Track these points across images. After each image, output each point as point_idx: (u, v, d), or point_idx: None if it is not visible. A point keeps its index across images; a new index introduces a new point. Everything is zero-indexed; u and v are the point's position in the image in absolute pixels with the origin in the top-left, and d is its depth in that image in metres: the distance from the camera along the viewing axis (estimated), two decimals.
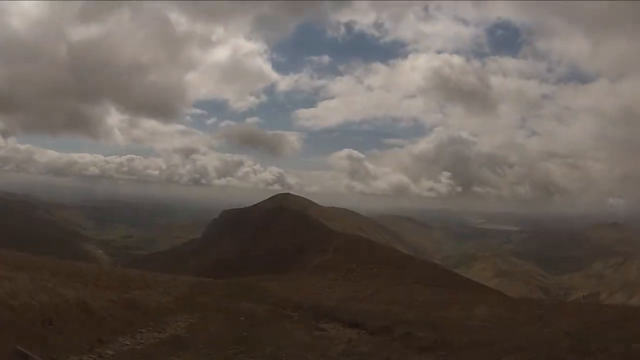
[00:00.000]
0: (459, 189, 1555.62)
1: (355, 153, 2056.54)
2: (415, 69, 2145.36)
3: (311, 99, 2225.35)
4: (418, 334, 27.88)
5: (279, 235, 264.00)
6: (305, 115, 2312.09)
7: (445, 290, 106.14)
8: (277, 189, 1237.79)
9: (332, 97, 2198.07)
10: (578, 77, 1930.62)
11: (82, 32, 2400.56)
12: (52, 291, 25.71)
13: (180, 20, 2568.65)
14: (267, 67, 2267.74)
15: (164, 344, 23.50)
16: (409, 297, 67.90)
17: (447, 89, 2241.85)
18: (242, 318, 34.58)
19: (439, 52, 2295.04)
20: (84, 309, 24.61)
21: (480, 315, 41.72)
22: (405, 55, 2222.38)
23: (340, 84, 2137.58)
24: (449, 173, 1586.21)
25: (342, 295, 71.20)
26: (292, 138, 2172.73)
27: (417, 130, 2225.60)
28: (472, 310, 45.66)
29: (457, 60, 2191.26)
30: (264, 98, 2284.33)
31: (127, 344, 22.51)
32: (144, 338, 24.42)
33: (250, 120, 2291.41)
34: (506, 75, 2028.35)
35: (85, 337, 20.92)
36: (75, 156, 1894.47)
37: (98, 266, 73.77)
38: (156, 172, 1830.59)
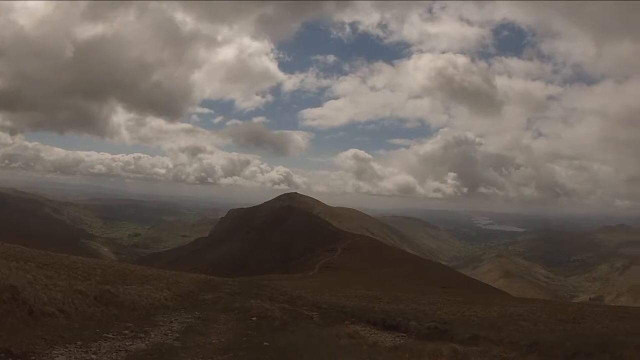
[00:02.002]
0: (465, 189, 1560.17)
1: (362, 153, 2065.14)
2: (419, 68, 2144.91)
3: (317, 99, 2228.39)
4: (480, 334, 24.93)
5: (286, 234, 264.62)
6: (311, 115, 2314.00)
7: (456, 290, 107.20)
8: (284, 188, 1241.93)
9: (337, 97, 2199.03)
10: (583, 78, 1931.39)
11: (88, 31, 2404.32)
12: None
13: (185, 20, 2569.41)
14: (273, 67, 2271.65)
15: None
16: (428, 297, 68.10)
17: (452, 89, 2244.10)
18: (253, 319, 28.17)
19: (443, 52, 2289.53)
20: (16, 298, 17.45)
21: (521, 314, 41.58)
22: (409, 56, 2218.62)
23: (345, 84, 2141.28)
24: (455, 174, 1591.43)
25: (358, 294, 67.78)
26: (298, 137, 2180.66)
27: (423, 130, 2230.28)
28: (508, 308, 45.90)
29: (461, 59, 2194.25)
30: (270, 97, 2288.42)
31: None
32: (102, 349, 16.09)
33: (257, 119, 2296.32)
34: (511, 76, 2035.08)
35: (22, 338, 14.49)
36: (83, 154, 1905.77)
37: (95, 260, 64.13)
38: (163, 171, 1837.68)
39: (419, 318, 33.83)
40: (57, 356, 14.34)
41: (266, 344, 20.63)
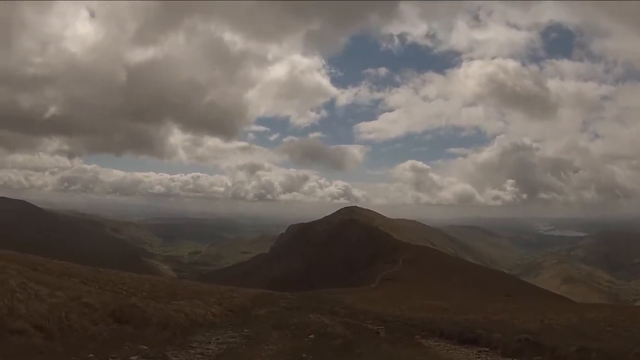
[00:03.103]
0: (524, 196, 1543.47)
1: (420, 164, 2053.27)
2: (470, 76, 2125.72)
3: (371, 112, 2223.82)
4: (589, 346, 20.50)
5: (347, 247, 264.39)
6: (366, 129, 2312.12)
7: (519, 298, 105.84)
8: (343, 202, 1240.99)
9: (391, 109, 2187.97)
10: (636, 76, 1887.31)
11: (139, 55, 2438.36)
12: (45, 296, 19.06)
13: (234, 39, 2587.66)
14: (325, 82, 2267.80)
15: None
16: (493, 305, 66.92)
17: (504, 95, 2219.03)
18: (310, 337, 24.77)
19: (493, 58, 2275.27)
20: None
21: (601, 320, 40.00)
22: (459, 64, 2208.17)
23: (397, 96, 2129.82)
24: (514, 180, 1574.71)
25: (423, 305, 66.58)
26: (355, 151, 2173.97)
27: (480, 138, 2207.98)
28: (584, 314, 44.64)
29: (511, 64, 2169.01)
30: (324, 113, 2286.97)
31: None
32: None
33: (313, 135, 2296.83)
34: (563, 78, 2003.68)
35: None
36: (141, 175, 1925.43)
37: (146, 277, 65.27)
38: (222, 189, 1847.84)
39: (500, 329, 29.19)
40: None
41: None
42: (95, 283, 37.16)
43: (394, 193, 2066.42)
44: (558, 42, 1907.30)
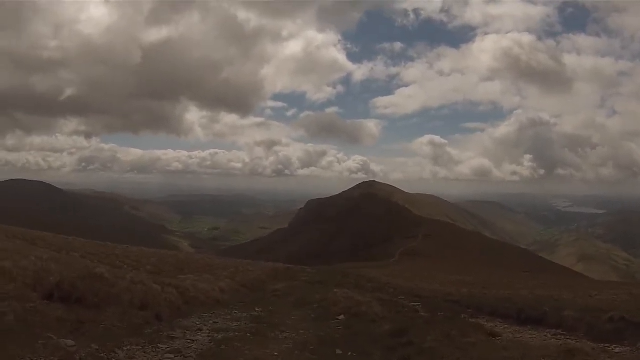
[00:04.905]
0: (542, 171, 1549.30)
1: (437, 139, 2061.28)
2: (484, 50, 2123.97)
3: (387, 87, 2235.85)
4: None
5: (366, 222, 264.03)
6: (383, 103, 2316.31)
7: (539, 274, 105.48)
8: (361, 177, 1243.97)
9: (407, 84, 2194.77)
10: None
11: (154, 35, 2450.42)
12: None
13: (248, 17, 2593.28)
14: (341, 57, 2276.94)
15: None
16: (522, 282, 65.96)
17: (520, 69, 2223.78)
18: (340, 317, 19.62)
19: (508, 32, 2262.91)
20: None
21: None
22: (474, 39, 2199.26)
23: (412, 70, 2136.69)
24: (531, 156, 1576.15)
25: (452, 280, 63.71)
26: (371, 125, 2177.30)
27: (497, 113, 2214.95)
28: (633, 291, 43.17)
29: (526, 38, 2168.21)
30: (341, 88, 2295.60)
31: None
32: None
33: (329, 110, 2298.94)
34: (580, 54, 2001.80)
35: None
36: (159, 153, 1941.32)
37: (155, 251, 61.51)
38: (239, 165, 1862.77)
39: (561, 306, 22.86)
40: None
41: None
42: (96, 257, 34.79)
43: (412, 168, 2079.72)
44: (575, 17, 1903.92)
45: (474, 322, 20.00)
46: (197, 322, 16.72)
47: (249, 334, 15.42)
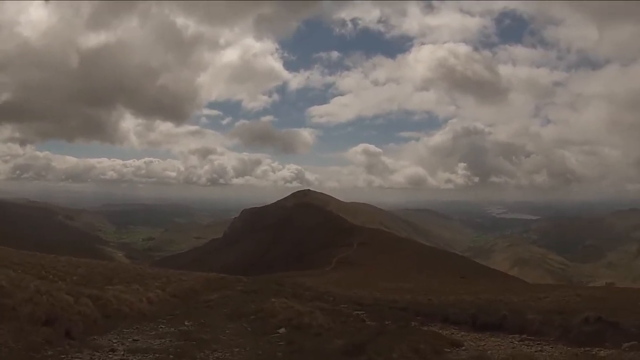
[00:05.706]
0: (476, 179, 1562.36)
1: (372, 147, 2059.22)
2: (419, 60, 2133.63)
3: (323, 96, 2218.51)
4: (623, 324, 16.52)
5: (301, 231, 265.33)
6: (318, 112, 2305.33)
7: (476, 279, 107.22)
8: (296, 185, 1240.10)
9: (342, 93, 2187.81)
10: (588, 63, 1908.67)
11: (92, 40, 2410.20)
12: None
13: (187, 24, 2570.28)
14: (278, 66, 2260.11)
15: None
16: (464, 287, 66.77)
17: (455, 80, 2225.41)
18: (281, 330, 18.16)
19: (444, 43, 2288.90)
20: None
21: (600, 297, 38.97)
22: (411, 49, 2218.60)
23: (348, 79, 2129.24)
24: (465, 164, 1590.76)
25: (392, 287, 63.97)
26: (306, 134, 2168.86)
27: (432, 122, 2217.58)
28: (578, 292, 43.96)
29: (462, 49, 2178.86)
30: (276, 97, 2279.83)
31: None
32: None
33: (265, 119, 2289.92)
34: (516, 64, 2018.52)
35: None
36: (94, 161, 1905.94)
37: (85, 261, 57.68)
38: (174, 174, 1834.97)
39: (520, 310, 23.69)
40: None
41: None
42: (20, 267, 33.11)
43: (346, 176, 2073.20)
44: (511, 29, 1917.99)
45: (430, 331, 19.65)
46: (114, 340, 14.73)
47: (171, 356, 13.29)
